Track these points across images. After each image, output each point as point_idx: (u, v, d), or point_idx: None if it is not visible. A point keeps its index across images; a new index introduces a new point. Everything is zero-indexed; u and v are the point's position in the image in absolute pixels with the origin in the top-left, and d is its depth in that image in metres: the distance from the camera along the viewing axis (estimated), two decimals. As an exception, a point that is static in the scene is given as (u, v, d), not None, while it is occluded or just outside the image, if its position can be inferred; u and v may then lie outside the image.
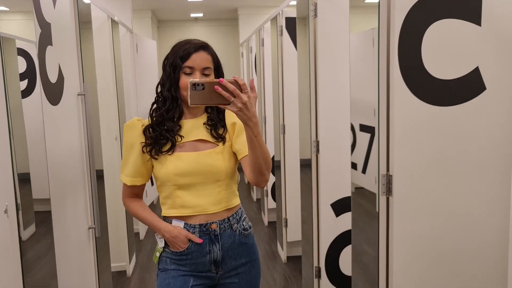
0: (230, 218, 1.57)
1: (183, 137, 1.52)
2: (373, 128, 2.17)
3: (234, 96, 1.24)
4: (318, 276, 2.74)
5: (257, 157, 1.38)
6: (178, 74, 1.49)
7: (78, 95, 2.35)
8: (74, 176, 2.22)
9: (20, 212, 1.67)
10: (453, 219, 1.64)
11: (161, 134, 1.50)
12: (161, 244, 1.58)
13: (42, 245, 1.86)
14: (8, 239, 1.50)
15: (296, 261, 3.81)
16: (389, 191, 1.64)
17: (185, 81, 1.47)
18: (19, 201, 1.66)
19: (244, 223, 1.62)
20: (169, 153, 1.50)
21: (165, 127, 1.51)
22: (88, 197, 2.41)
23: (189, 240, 1.54)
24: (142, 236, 4.53)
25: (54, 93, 1.97)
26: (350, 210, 2.70)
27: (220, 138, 1.54)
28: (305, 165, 3.02)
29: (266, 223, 4.91)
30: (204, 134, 1.54)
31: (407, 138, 1.60)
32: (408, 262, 1.66)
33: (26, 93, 1.86)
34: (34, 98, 1.83)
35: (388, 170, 1.64)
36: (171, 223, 1.55)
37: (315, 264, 2.74)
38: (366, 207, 2.32)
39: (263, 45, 4.42)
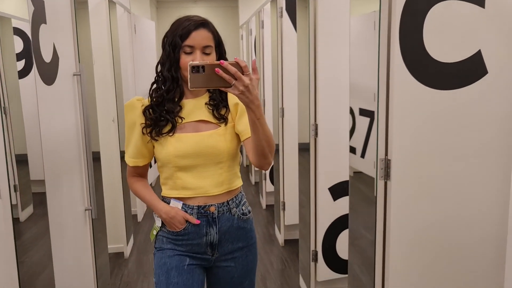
0: (230, 202, 1.56)
1: (184, 118, 1.50)
2: (373, 112, 2.14)
3: (236, 79, 1.23)
4: (315, 259, 2.74)
5: (259, 139, 1.36)
6: (178, 53, 1.46)
7: (74, 75, 2.31)
8: (69, 157, 2.19)
9: (17, 193, 1.69)
10: (452, 204, 1.63)
11: (161, 116, 1.48)
12: (158, 222, 1.58)
13: (40, 227, 1.84)
14: (1, 221, 1.48)
15: (293, 244, 3.81)
16: (387, 175, 1.62)
17: (186, 61, 1.44)
18: (16, 182, 1.67)
19: (243, 208, 1.60)
20: (170, 134, 1.48)
21: (165, 108, 1.48)
22: (85, 179, 2.39)
23: (186, 221, 1.53)
24: (140, 218, 4.54)
25: (48, 73, 1.93)
26: (347, 194, 2.68)
27: (222, 119, 1.52)
28: (304, 148, 3.00)
29: (264, 206, 4.92)
30: (205, 114, 1.52)
31: (407, 122, 1.58)
32: (405, 247, 1.65)
33: (23, 73, 1.82)
34: (32, 79, 1.80)
35: (386, 154, 1.62)
36: (169, 203, 1.55)
37: (312, 247, 2.74)
38: (364, 192, 2.31)
39: (263, 27, 4.36)
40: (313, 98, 2.58)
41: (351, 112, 2.48)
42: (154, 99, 1.51)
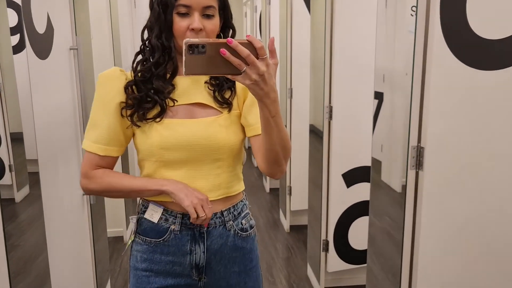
0: (225, 213, 1.22)
1: (177, 101, 1.17)
2: (382, 94, 2.01)
3: (248, 64, 0.90)
4: (326, 249, 2.60)
5: (273, 143, 1.06)
6: (171, 15, 1.12)
7: (70, 49, 2.16)
8: (65, 137, 2.05)
9: (13, 173, 1.58)
10: (493, 199, 1.47)
11: (147, 96, 1.15)
12: (133, 227, 1.25)
13: (36, 208, 1.73)
14: None
15: (299, 230, 3.69)
16: (419, 164, 1.46)
17: (180, 25, 1.11)
18: (11, 162, 1.57)
19: (243, 222, 1.25)
20: (157, 120, 1.15)
21: (153, 87, 1.15)
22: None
23: (168, 229, 1.19)
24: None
25: (42, 46, 1.77)
26: (362, 181, 2.54)
27: (225, 103, 1.18)
28: (315, 131, 2.84)
29: (267, 189, 4.78)
30: (204, 96, 1.18)
31: (444, 105, 1.41)
32: (436, 242, 1.50)
33: (18, 48, 1.68)
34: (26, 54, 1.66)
35: (419, 141, 1.45)
36: (147, 208, 1.23)
37: (323, 237, 2.60)
38: (374, 178, 2.16)
39: (269, 3, 4.15)
40: (328, 79, 2.41)
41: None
42: (139, 74, 1.17)
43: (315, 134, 2.86)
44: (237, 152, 1.21)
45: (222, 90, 1.19)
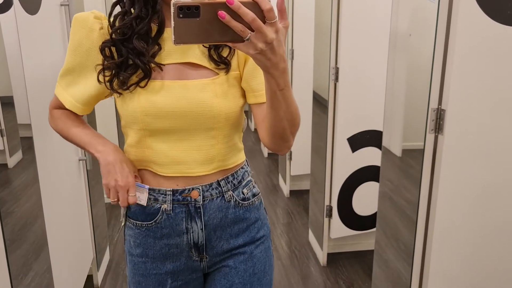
0: (222, 183, 1.06)
1: (163, 65, 0.98)
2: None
3: (253, 30, 0.73)
4: (329, 215, 2.55)
5: (279, 118, 0.90)
6: None
7: (61, 5, 2.03)
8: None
9: (4, 138, 1.54)
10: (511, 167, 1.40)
11: (128, 59, 0.96)
12: (123, 210, 1.11)
13: (30, 173, 1.67)
14: None
15: (299, 195, 3.64)
16: (439, 128, 1.37)
17: None
18: (3, 127, 1.53)
19: (244, 191, 1.10)
20: (141, 84, 0.97)
21: (134, 47, 0.96)
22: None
23: (159, 209, 1.05)
24: None
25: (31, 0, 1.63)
26: (367, 146, 2.46)
27: (222, 63, 0.99)
28: (317, 98, 2.74)
29: (265, 154, 4.71)
30: (197, 55, 0.99)
31: (469, 64, 1.31)
32: (452, 206, 1.43)
33: (5, 7, 1.56)
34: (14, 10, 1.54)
35: (440, 103, 1.36)
36: None
37: (327, 202, 2.54)
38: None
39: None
40: (334, 38, 2.29)
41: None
42: (119, 31, 0.96)
43: (317, 101, 2.77)
44: (234, 120, 1.03)
45: (219, 48, 0.99)
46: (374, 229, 2.58)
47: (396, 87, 1.79)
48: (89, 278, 2.41)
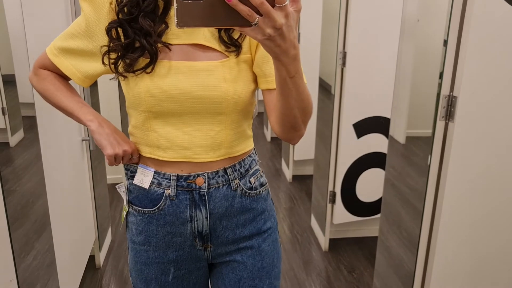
0: (229, 171, 1.03)
1: (171, 44, 0.94)
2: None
3: (261, 14, 0.68)
4: (333, 201, 2.54)
5: (290, 106, 0.86)
6: None
7: (66, -19, 1.98)
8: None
9: (6, 117, 1.52)
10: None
11: (134, 41, 0.93)
12: (124, 198, 1.09)
13: (31, 152, 1.67)
14: None
15: (301, 180, 3.63)
16: (449, 115, 1.35)
17: None
18: (4, 105, 1.51)
19: (252, 180, 1.06)
20: (147, 71, 0.94)
21: (141, 27, 0.92)
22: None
23: (162, 195, 1.02)
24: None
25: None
26: (373, 132, 2.44)
27: (233, 45, 0.95)
28: (323, 85, 2.71)
29: (268, 138, 4.69)
30: (206, 36, 0.95)
31: (483, 51, 1.28)
32: (460, 195, 1.42)
33: None
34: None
35: (452, 90, 1.34)
36: (135, 172, 1.05)
37: (330, 188, 2.53)
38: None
39: None
40: (343, 22, 2.25)
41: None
42: (126, 10, 0.92)
43: (322, 86, 2.74)
44: (244, 106, 0.99)
45: (229, 29, 0.95)
46: (376, 216, 2.58)
47: (402, 74, 1.76)
48: (91, 259, 2.41)
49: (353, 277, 2.40)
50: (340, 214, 2.55)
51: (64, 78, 1.07)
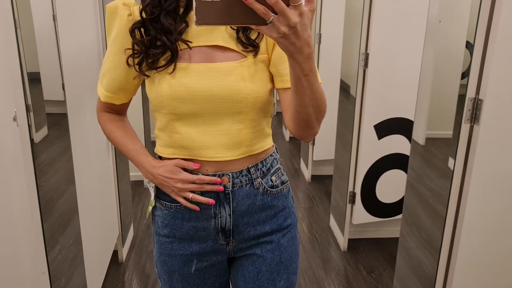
0: (252, 170, 1.06)
1: (191, 42, 0.98)
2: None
3: (276, 13, 0.71)
4: (352, 201, 2.55)
5: (304, 104, 0.88)
6: None
7: (94, -18, 2.03)
8: (92, 77, 1.96)
9: (31, 114, 1.52)
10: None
11: (156, 39, 0.97)
12: (152, 194, 1.13)
13: (55, 148, 1.71)
14: (19, 147, 1.31)
15: (320, 180, 3.64)
16: (475, 118, 1.35)
17: None
18: (29, 103, 1.51)
19: (273, 178, 1.09)
20: (169, 72, 0.98)
21: (162, 26, 0.97)
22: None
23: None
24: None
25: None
26: (394, 133, 2.44)
27: (251, 46, 0.98)
28: (344, 87, 2.71)
29: (287, 138, 4.71)
30: (225, 37, 0.98)
31: (510, 52, 1.28)
32: (484, 199, 1.42)
33: None
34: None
35: (478, 93, 1.34)
36: None
37: (350, 188, 2.54)
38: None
39: None
40: (366, 23, 2.25)
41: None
42: (149, 10, 0.97)
43: (342, 88, 2.74)
44: (262, 105, 1.02)
45: (247, 30, 0.98)
46: (396, 217, 2.58)
47: (423, 75, 1.76)
48: (114, 254, 2.46)
49: (372, 278, 2.41)
50: (360, 214, 2.56)
51: (118, 114, 1.15)
